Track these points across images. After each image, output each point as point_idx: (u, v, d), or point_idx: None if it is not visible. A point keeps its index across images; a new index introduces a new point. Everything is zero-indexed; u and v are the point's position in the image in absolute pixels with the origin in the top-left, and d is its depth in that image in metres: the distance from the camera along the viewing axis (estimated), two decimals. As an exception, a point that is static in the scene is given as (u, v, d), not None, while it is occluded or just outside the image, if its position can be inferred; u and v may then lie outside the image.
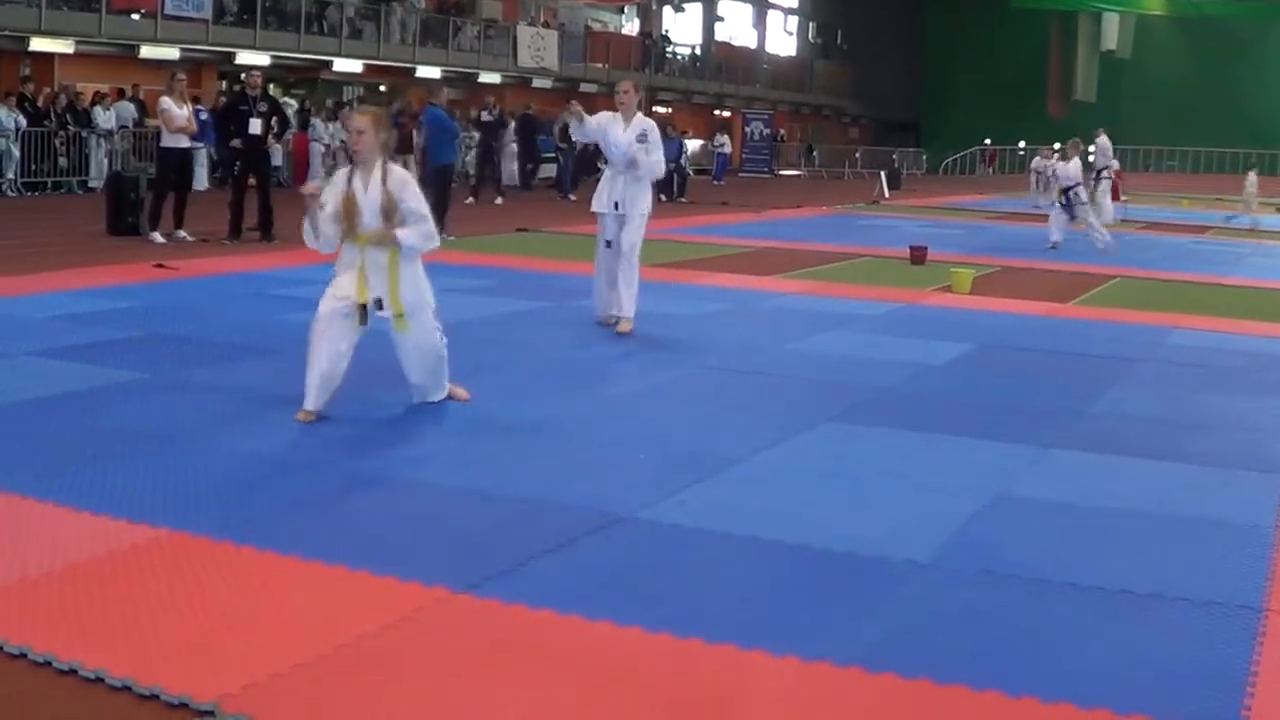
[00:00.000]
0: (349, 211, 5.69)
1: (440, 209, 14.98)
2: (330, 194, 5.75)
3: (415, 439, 5.55)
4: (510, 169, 27.84)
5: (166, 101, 13.12)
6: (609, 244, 8.53)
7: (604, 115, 8.61)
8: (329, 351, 5.67)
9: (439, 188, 15.30)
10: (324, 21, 26.38)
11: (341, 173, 5.88)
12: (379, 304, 5.69)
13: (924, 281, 12.33)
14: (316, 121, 24.31)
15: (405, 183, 5.76)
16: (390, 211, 5.69)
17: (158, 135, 14.43)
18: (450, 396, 6.14)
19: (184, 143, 13.31)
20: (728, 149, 35.22)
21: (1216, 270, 14.97)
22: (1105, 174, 18.25)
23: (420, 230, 5.75)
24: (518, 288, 10.65)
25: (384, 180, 5.70)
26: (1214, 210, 27.88)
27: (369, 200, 5.68)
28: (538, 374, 7.10)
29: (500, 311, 9.26)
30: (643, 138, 8.42)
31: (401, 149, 21.66)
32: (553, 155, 26.22)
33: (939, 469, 5.38)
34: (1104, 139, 18.65)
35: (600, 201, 8.55)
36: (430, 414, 5.99)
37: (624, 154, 8.37)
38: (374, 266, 5.71)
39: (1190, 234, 21.28)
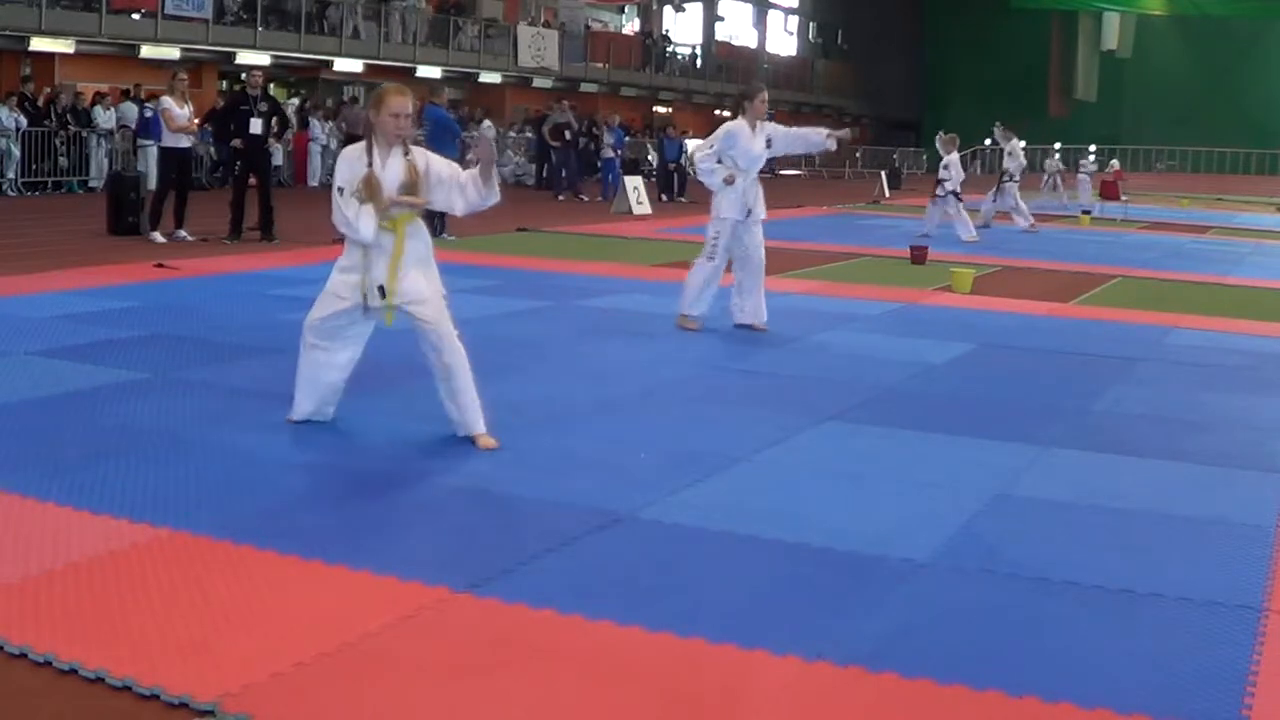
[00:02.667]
0: (373, 191, 5.24)
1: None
2: (346, 176, 5.32)
3: (415, 438, 5.54)
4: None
5: (168, 101, 13.13)
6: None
7: (729, 128, 8.73)
8: (326, 364, 5.51)
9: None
10: (324, 21, 26.38)
11: (354, 152, 5.38)
12: (381, 291, 5.31)
13: (924, 281, 12.32)
14: (314, 121, 24.33)
15: (428, 155, 5.40)
16: (414, 186, 5.28)
17: (158, 135, 14.46)
18: (475, 439, 5.42)
19: (185, 142, 13.32)
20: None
21: (1216, 270, 14.97)
22: (1005, 178, 19.06)
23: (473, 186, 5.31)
24: (519, 287, 10.65)
25: (405, 155, 5.31)
26: (1214, 210, 27.91)
27: (389, 178, 5.26)
28: (539, 373, 7.10)
29: (502, 311, 9.26)
30: (768, 143, 8.72)
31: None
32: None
33: (940, 468, 5.37)
34: (1014, 143, 19.18)
35: (735, 208, 8.68)
36: (429, 413, 5.98)
37: (756, 162, 8.73)
38: (380, 252, 5.31)
39: (1190, 234, 21.28)
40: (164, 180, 13.60)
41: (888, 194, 28.88)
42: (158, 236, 13.03)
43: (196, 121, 14.03)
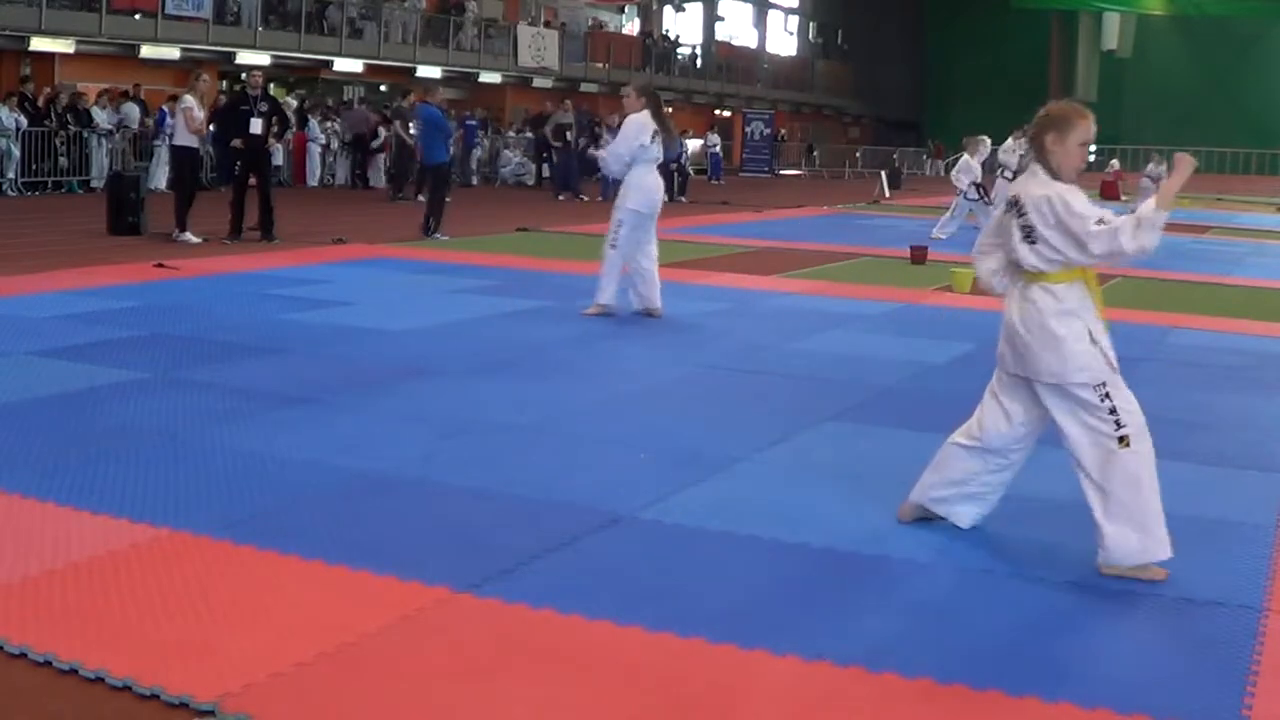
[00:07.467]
0: None
1: (437, 208, 14.99)
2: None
3: (415, 438, 5.54)
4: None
5: (190, 100, 13.10)
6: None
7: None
8: None
9: (433, 186, 15.29)
10: (324, 21, 26.38)
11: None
12: None
13: (924, 281, 12.32)
14: (312, 121, 24.32)
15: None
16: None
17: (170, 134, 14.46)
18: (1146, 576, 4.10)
19: (195, 142, 13.36)
20: (719, 148, 35.39)
21: (1216, 270, 14.96)
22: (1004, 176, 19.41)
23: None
24: (519, 287, 10.65)
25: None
26: (1214, 210, 27.89)
27: None
28: (539, 373, 7.10)
29: (502, 310, 9.26)
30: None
31: (402, 152, 21.74)
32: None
33: (939, 468, 5.36)
34: (999, 146, 19.48)
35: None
36: (429, 413, 5.98)
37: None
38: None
39: (1190, 234, 21.27)
40: (181, 179, 13.56)
41: (888, 194, 28.88)
42: (190, 237, 12.89)
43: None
